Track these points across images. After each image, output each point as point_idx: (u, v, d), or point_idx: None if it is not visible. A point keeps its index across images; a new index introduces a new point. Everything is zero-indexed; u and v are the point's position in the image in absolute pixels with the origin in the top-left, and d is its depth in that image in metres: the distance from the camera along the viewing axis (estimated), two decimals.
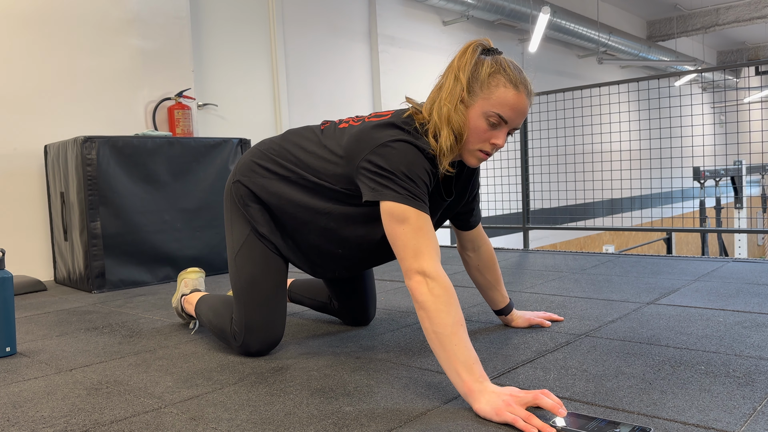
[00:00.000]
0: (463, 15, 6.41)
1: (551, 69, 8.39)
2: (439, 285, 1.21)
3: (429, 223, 1.29)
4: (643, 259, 3.01)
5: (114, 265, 2.91)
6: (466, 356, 1.15)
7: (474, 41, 1.41)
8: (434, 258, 1.24)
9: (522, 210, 3.83)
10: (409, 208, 1.27)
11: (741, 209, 9.04)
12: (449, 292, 1.21)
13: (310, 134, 1.56)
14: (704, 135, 3.78)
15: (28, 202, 3.31)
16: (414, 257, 1.24)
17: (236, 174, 1.62)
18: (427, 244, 1.26)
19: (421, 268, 1.23)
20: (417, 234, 1.26)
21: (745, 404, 1.14)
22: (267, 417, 1.19)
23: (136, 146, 3.00)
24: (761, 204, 10.54)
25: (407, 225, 1.27)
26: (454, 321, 1.18)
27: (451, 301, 1.20)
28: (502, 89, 1.35)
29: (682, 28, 10.47)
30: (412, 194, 1.29)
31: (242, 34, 4.56)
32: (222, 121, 4.42)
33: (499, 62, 1.38)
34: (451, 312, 1.19)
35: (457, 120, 1.35)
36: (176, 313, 2.03)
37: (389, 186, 1.30)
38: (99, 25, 3.53)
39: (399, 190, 1.29)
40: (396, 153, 1.32)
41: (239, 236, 1.60)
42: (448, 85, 1.37)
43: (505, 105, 1.35)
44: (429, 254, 1.24)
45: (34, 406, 1.32)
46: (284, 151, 1.56)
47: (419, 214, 1.28)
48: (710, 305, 1.96)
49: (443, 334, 1.17)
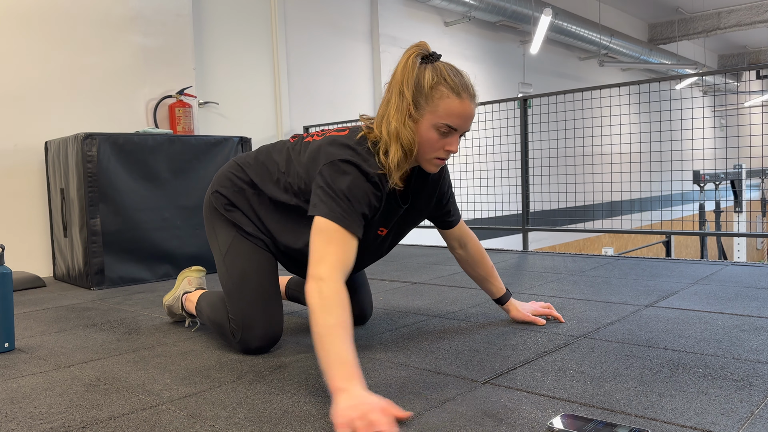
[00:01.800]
0: (464, 16, 6.41)
1: (552, 71, 8.39)
2: (329, 288, 1.23)
3: (346, 239, 1.32)
4: (642, 262, 3.01)
5: (113, 262, 2.91)
6: (339, 355, 1.15)
7: (412, 49, 1.42)
8: (334, 266, 1.27)
9: (522, 211, 3.83)
10: (332, 224, 1.32)
11: (740, 213, 9.05)
12: (337, 297, 1.22)
13: (281, 148, 1.61)
14: (704, 138, 3.78)
15: (28, 199, 3.31)
16: (316, 263, 1.28)
17: (214, 185, 1.68)
18: (332, 252, 1.29)
19: (318, 273, 1.26)
20: (327, 244, 1.30)
21: (742, 407, 1.14)
22: (265, 415, 1.19)
23: (137, 143, 3.00)
24: (761, 208, 10.54)
25: (323, 235, 1.31)
26: (336, 323, 1.19)
27: (336, 304, 1.21)
28: (446, 100, 1.39)
29: (684, 31, 10.48)
30: (344, 213, 1.34)
31: (244, 32, 4.56)
32: (223, 119, 4.42)
33: (439, 71, 1.40)
34: (333, 313, 1.20)
35: (407, 136, 1.39)
36: (167, 311, 2.03)
37: (326, 203, 1.35)
38: (101, 22, 3.53)
39: (333, 208, 1.34)
40: (340, 174, 1.37)
41: (225, 239, 1.63)
42: (395, 101, 1.41)
43: (451, 115, 1.40)
44: (330, 262, 1.28)
45: (31, 402, 1.32)
46: (257, 165, 1.62)
47: (340, 230, 1.32)
48: (709, 308, 1.96)
49: (322, 333, 1.18)
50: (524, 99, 3.77)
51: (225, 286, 1.62)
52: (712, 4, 9.87)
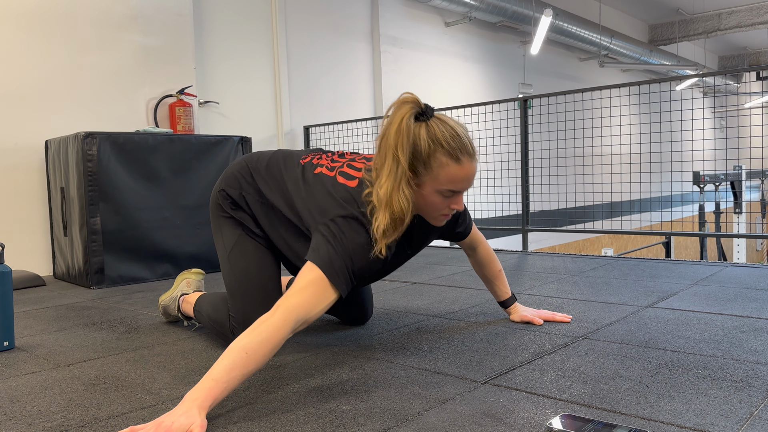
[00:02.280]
0: (465, 16, 6.41)
1: (552, 71, 8.39)
2: (272, 324, 1.22)
3: (326, 292, 1.31)
4: (641, 263, 3.02)
5: (113, 261, 2.91)
6: (214, 374, 1.15)
7: (404, 108, 1.36)
8: (295, 309, 1.26)
9: (521, 212, 3.83)
10: (321, 274, 1.31)
11: (740, 214, 9.05)
12: (273, 332, 1.21)
13: (293, 170, 1.57)
14: (704, 140, 3.78)
15: (28, 197, 3.31)
16: (286, 296, 1.28)
17: (222, 183, 1.67)
18: (304, 297, 1.28)
19: (279, 305, 1.26)
20: (306, 287, 1.29)
21: (741, 408, 1.14)
22: (264, 414, 1.19)
23: (137, 143, 3.00)
24: (760, 209, 10.54)
25: (308, 278, 1.30)
26: (243, 346, 1.18)
27: (261, 335, 1.20)
28: (446, 168, 1.36)
29: (684, 32, 10.48)
30: (337, 271, 1.33)
31: (244, 32, 4.56)
32: (223, 118, 4.42)
33: (435, 135, 1.35)
34: (249, 339, 1.19)
35: (400, 203, 1.35)
36: (162, 311, 2.03)
37: (326, 254, 1.34)
38: (101, 21, 3.53)
39: (330, 262, 1.33)
40: (349, 231, 1.37)
41: (230, 237, 1.63)
42: (388, 166, 1.35)
43: (453, 181, 1.38)
44: (295, 304, 1.26)
45: (31, 400, 1.32)
46: (269, 176, 1.60)
47: (324, 282, 1.31)
48: (708, 309, 1.96)
49: (230, 347, 1.19)
50: (524, 99, 3.77)
51: (228, 284, 1.62)
52: (712, 5, 9.87)
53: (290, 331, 1.24)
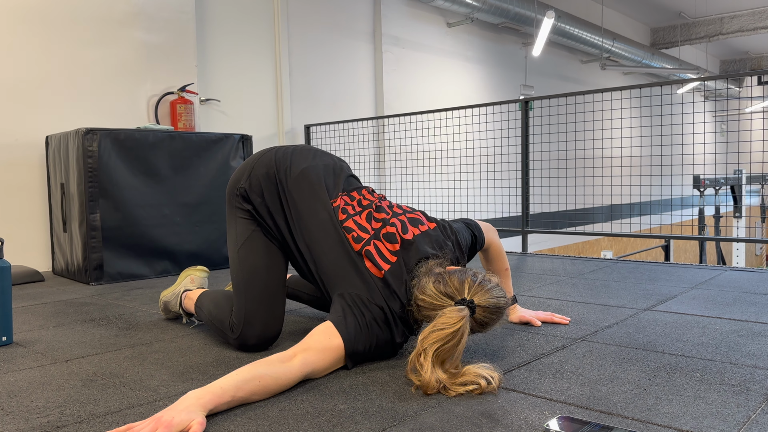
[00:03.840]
0: (467, 17, 6.41)
1: (554, 73, 8.40)
2: (292, 367, 1.28)
3: (338, 359, 1.38)
4: (641, 266, 3.02)
5: (112, 257, 2.91)
6: (224, 382, 1.19)
7: (462, 313, 1.32)
8: (312, 364, 1.32)
9: (521, 213, 3.84)
10: (342, 350, 1.37)
11: (740, 218, 9.05)
12: (286, 374, 1.27)
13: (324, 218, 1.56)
14: (705, 143, 3.78)
15: (28, 193, 3.31)
16: (308, 347, 1.34)
17: (245, 183, 1.63)
18: (322, 359, 1.35)
19: (299, 353, 1.32)
20: (327, 351, 1.36)
21: (739, 412, 1.14)
22: (262, 413, 1.19)
23: (138, 139, 3.00)
24: (760, 213, 10.55)
25: (327, 342, 1.36)
26: (259, 374, 1.23)
27: (277, 373, 1.25)
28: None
29: (686, 36, 10.48)
30: (356, 352, 1.40)
31: (246, 30, 4.56)
32: (224, 116, 4.42)
33: (481, 319, 1.37)
34: (266, 370, 1.24)
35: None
36: (162, 306, 2.03)
37: (351, 325, 1.39)
38: (104, 17, 3.53)
39: (354, 335, 1.39)
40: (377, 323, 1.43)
41: (243, 231, 1.62)
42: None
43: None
44: (315, 360, 1.33)
45: (28, 395, 1.32)
46: (289, 207, 1.59)
47: (340, 350, 1.37)
48: (707, 313, 1.96)
49: (246, 367, 1.23)
50: (525, 101, 3.77)
51: (234, 278, 1.62)
52: (714, 9, 9.88)
53: (298, 381, 1.31)
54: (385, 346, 1.46)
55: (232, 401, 1.18)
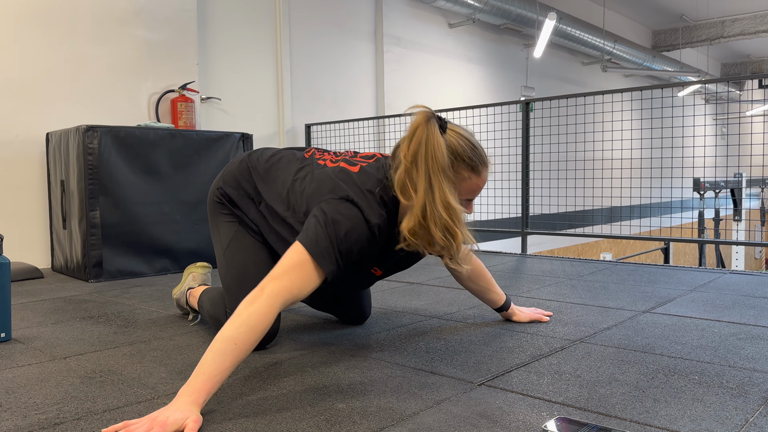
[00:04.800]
0: (469, 18, 6.41)
1: (555, 75, 8.39)
2: (258, 307, 1.20)
3: (312, 274, 1.30)
4: (640, 268, 3.02)
5: (112, 255, 2.91)
6: (204, 368, 1.14)
7: (431, 123, 1.35)
8: (282, 291, 1.24)
9: (521, 214, 3.83)
10: (308, 255, 1.30)
11: (740, 221, 9.05)
12: (257, 319, 1.19)
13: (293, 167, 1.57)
14: (705, 146, 3.78)
15: (28, 189, 3.31)
16: (271, 278, 1.26)
17: (221, 180, 1.67)
18: (291, 279, 1.26)
19: (264, 287, 1.24)
20: (292, 269, 1.28)
21: (737, 415, 1.14)
22: (259, 411, 1.19)
23: (138, 137, 3.00)
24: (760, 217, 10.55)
25: (294, 259, 1.29)
26: (231, 336, 1.16)
27: (250, 324, 1.18)
28: (467, 181, 1.43)
29: (688, 39, 10.48)
30: (324, 252, 1.31)
31: (248, 29, 4.56)
32: (225, 115, 4.42)
33: (456, 151, 1.39)
34: (237, 329, 1.17)
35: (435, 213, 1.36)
36: (176, 304, 2.04)
37: (314, 234, 1.32)
38: (105, 14, 3.53)
39: (318, 242, 1.31)
40: (341, 213, 1.36)
41: (227, 233, 1.63)
42: (424, 178, 1.35)
43: (473, 191, 1.46)
44: (282, 286, 1.25)
45: (27, 392, 1.32)
46: (268, 178, 1.59)
47: (311, 263, 1.29)
48: (706, 316, 1.96)
49: (216, 339, 1.17)
50: (526, 102, 3.77)
51: (224, 281, 1.62)
52: (716, 12, 9.87)
53: (276, 314, 1.23)
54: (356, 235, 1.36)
55: (221, 378, 1.14)
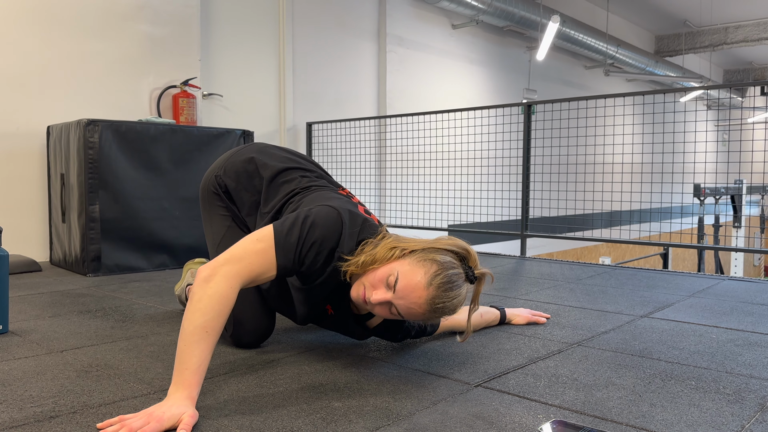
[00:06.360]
0: (472, 20, 6.41)
1: (557, 78, 8.39)
2: (218, 287, 1.17)
3: (271, 260, 1.25)
4: (639, 273, 3.02)
5: (110, 249, 2.91)
6: (186, 360, 1.13)
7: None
8: (241, 272, 1.21)
9: (521, 217, 3.83)
10: (273, 243, 1.26)
11: (739, 228, 9.05)
12: (220, 299, 1.16)
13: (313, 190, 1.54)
14: (706, 152, 3.78)
15: (28, 182, 3.30)
16: (230, 257, 1.22)
17: (220, 171, 1.67)
18: (251, 261, 1.23)
19: (218, 267, 1.20)
20: (254, 253, 1.24)
21: (733, 421, 1.14)
22: (256, 408, 1.19)
23: (139, 132, 3.00)
24: (759, 224, 10.55)
25: (259, 244, 1.25)
26: (201, 325, 1.14)
27: (214, 305, 1.16)
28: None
29: (690, 44, 10.48)
30: (285, 246, 1.26)
31: (251, 26, 4.56)
32: (226, 111, 4.42)
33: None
34: (204, 316, 1.15)
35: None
36: (179, 300, 2.05)
37: (286, 226, 1.28)
38: (108, 9, 3.53)
39: (287, 234, 1.27)
40: (323, 216, 1.31)
41: (220, 228, 1.63)
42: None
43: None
44: (242, 266, 1.21)
45: (23, 385, 1.32)
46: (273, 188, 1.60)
47: (272, 251, 1.25)
48: (704, 321, 1.96)
49: (186, 331, 1.15)
50: (528, 105, 3.77)
51: None
52: (719, 18, 9.88)
53: (237, 294, 1.20)
54: (328, 246, 1.30)
55: (203, 367, 1.14)
